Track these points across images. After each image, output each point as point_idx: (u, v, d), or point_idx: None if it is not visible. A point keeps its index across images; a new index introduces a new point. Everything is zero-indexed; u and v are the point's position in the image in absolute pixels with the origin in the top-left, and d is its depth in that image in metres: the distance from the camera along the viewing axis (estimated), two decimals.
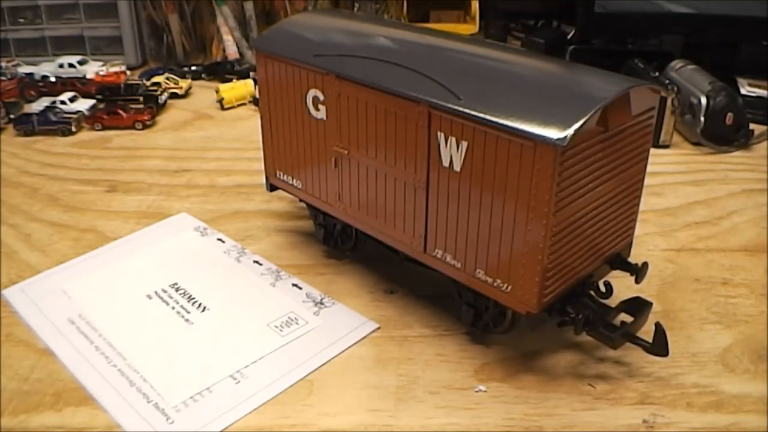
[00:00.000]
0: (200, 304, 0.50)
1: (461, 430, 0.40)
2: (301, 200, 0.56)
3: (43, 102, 0.86)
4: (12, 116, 0.83)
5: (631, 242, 0.48)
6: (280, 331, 0.47)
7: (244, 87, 0.92)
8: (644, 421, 0.40)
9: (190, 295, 0.51)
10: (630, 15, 0.98)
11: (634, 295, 0.45)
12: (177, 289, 0.52)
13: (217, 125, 0.86)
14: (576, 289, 0.43)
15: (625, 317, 0.44)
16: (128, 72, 0.99)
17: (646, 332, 0.42)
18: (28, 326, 0.48)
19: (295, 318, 0.49)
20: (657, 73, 0.85)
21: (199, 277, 0.53)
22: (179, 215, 0.63)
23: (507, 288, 0.41)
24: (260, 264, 0.55)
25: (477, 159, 0.40)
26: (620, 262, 0.46)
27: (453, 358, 0.45)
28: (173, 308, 0.50)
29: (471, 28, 1.12)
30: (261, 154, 0.56)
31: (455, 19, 1.16)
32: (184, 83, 0.94)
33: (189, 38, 1.05)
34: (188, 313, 0.49)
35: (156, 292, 0.51)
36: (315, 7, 1.06)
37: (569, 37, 1.04)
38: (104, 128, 0.83)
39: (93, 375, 0.43)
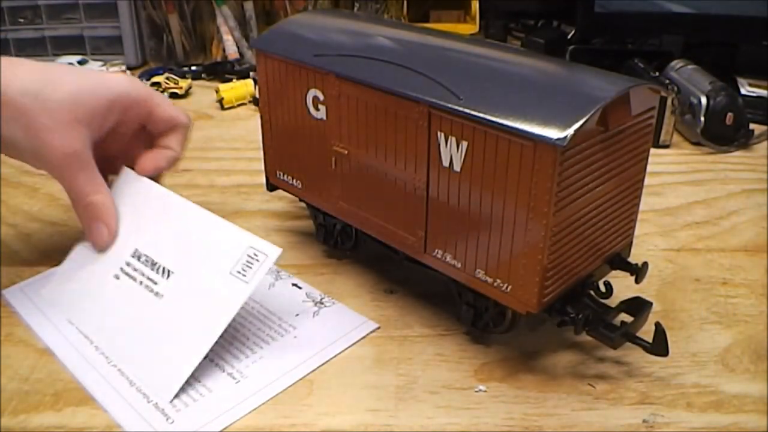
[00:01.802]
0: (164, 269, 0.48)
1: (461, 430, 0.40)
2: (301, 200, 0.56)
3: None
4: None
5: (631, 242, 0.48)
6: (244, 276, 0.45)
7: (244, 87, 0.92)
8: (644, 421, 0.40)
9: (153, 261, 0.48)
10: (630, 15, 0.98)
11: (634, 295, 0.45)
12: (139, 258, 0.49)
13: (217, 125, 0.86)
14: (576, 289, 0.43)
15: (625, 317, 0.44)
16: (128, 72, 0.99)
17: (646, 332, 0.42)
18: (28, 326, 0.48)
19: (254, 254, 0.45)
20: (657, 73, 0.85)
21: (155, 236, 0.50)
22: None
23: (507, 288, 0.41)
24: None
25: (477, 159, 0.40)
26: (620, 262, 0.46)
27: (453, 358, 0.45)
28: (141, 283, 0.48)
29: (471, 28, 1.12)
30: (261, 154, 0.56)
31: (455, 19, 1.16)
32: (184, 83, 0.94)
33: (189, 38, 1.05)
34: (155, 284, 0.47)
35: (122, 269, 0.49)
36: (315, 7, 1.06)
37: (569, 37, 1.04)
38: None
39: (93, 375, 0.43)
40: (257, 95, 0.65)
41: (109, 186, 0.52)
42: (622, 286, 0.47)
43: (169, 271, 0.47)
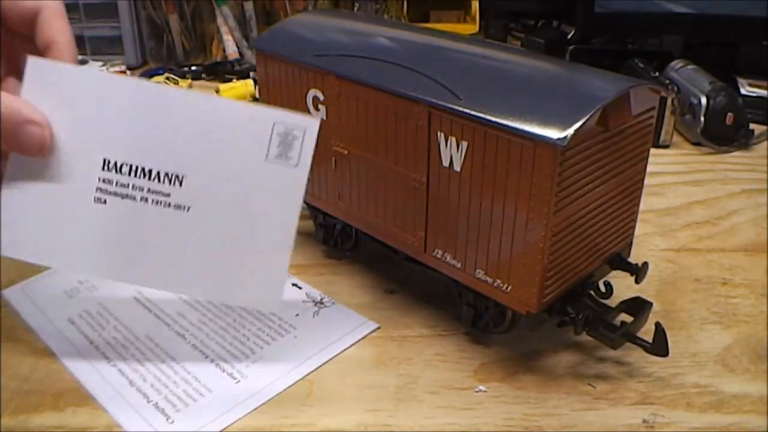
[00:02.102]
0: (168, 175, 0.38)
1: (461, 430, 0.40)
2: None
3: None
4: None
5: (631, 242, 0.48)
6: (288, 160, 0.37)
7: (244, 87, 0.92)
8: (644, 421, 0.40)
9: (144, 168, 0.38)
10: (630, 15, 0.98)
11: (634, 295, 0.45)
12: (119, 169, 0.38)
13: None
14: (576, 289, 0.43)
15: (625, 317, 0.44)
16: (128, 72, 0.99)
17: (646, 332, 0.42)
18: (28, 326, 0.48)
19: (286, 131, 0.38)
20: (657, 73, 0.85)
21: (128, 137, 0.38)
22: None
23: (507, 288, 0.41)
24: None
25: (477, 159, 0.40)
26: (620, 262, 0.46)
27: (453, 359, 0.45)
28: (144, 199, 0.38)
29: (471, 28, 1.12)
30: None
31: (455, 19, 1.16)
32: (184, 83, 0.94)
33: (189, 38, 1.05)
34: (167, 196, 0.38)
35: (101, 189, 0.38)
36: (315, 7, 1.06)
37: (569, 37, 1.04)
38: None
39: (93, 375, 0.43)
40: (257, 95, 0.65)
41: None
42: (622, 286, 0.47)
43: (177, 176, 0.38)
